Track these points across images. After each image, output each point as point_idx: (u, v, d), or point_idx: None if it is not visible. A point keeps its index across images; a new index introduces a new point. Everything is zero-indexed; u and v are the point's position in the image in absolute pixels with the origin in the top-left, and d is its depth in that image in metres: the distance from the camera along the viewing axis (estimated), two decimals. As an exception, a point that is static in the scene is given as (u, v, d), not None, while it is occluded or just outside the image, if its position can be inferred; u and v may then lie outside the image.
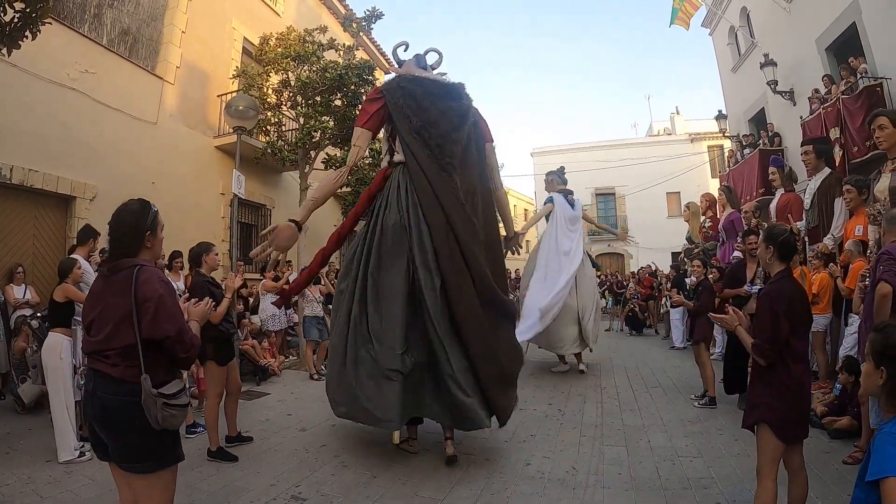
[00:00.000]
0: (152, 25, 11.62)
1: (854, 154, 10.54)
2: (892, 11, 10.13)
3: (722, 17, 19.27)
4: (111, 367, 2.71)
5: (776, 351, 3.23)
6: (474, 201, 5.13)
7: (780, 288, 3.37)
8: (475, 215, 5.05)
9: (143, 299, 2.69)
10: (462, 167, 5.03)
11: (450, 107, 5.07)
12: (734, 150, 18.35)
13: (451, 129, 4.98)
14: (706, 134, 30.98)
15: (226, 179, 12.09)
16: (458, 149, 4.97)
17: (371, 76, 12.27)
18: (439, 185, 4.92)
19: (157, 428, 2.69)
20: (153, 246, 2.98)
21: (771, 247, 3.51)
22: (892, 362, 2.11)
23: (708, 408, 6.72)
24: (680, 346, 12.21)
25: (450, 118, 5.01)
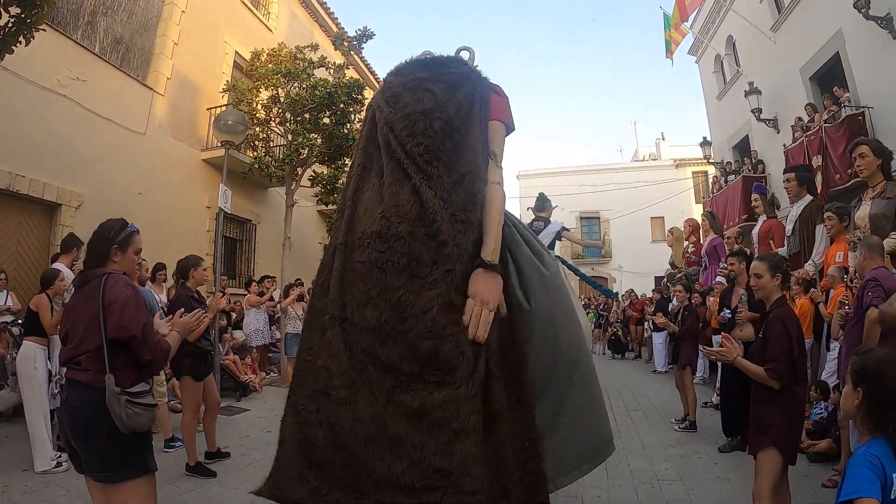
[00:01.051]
0: (145, 35, 11.64)
1: (836, 182, 10.71)
2: (875, 42, 10.33)
3: (708, 46, 19.55)
4: (82, 373, 2.73)
5: (792, 372, 3.33)
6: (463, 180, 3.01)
7: (788, 312, 3.54)
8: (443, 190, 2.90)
9: (110, 301, 2.75)
10: (441, 150, 2.92)
11: (434, 80, 3.18)
12: (718, 176, 18.55)
13: (430, 106, 3.04)
14: (691, 160, 31.29)
15: (212, 193, 12.05)
16: (438, 125, 2.87)
17: (360, 95, 12.35)
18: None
19: (124, 430, 2.66)
20: (119, 262, 3.03)
21: (779, 275, 3.62)
22: (867, 384, 2.16)
23: (688, 432, 6.74)
24: (662, 369, 12.25)
25: (432, 92, 3.11)
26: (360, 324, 2.53)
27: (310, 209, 17.20)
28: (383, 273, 2.61)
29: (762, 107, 15.03)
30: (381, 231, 2.70)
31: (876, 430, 2.12)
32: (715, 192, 17.86)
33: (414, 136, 2.95)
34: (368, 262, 2.66)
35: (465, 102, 3.06)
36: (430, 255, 2.59)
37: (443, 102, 3.05)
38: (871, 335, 3.86)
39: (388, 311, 2.51)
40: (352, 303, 2.60)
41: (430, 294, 2.51)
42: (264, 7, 16.28)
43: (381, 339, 2.48)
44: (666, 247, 14.82)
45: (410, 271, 2.58)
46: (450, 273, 2.53)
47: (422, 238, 2.63)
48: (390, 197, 2.80)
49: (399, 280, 2.57)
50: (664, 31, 17.90)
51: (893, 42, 9.91)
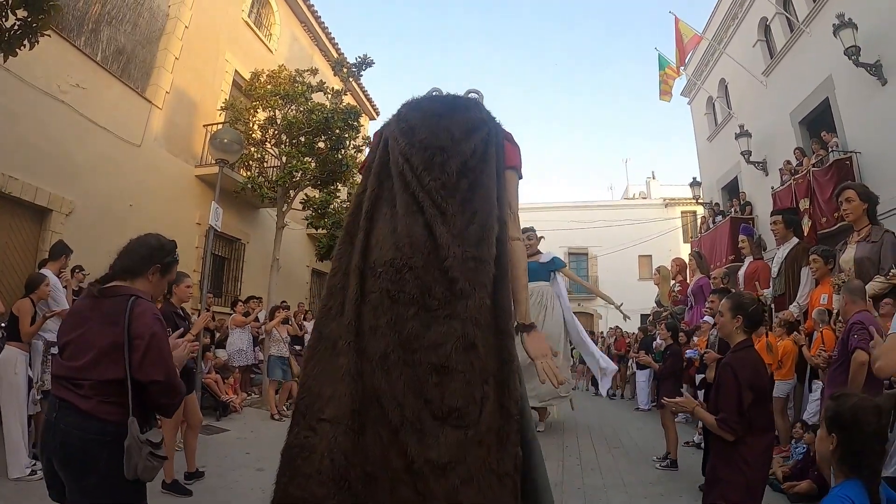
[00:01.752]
0: (147, 48, 11.70)
1: (822, 225, 10.87)
2: (864, 89, 10.55)
3: (701, 88, 19.83)
4: (81, 399, 2.41)
5: (743, 423, 3.17)
6: (475, 217, 3.08)
7: (743, 358, 3.34)
8: (456, 229, 2.83)
9: (136, 335, 2.44)
10: (460, 183, 3.09)
11: (453, 120, 3.26)
12: (706, 216, 18.73)
13: (447, 145, 3.14)
14: (680, 200, 31.57)
15: (203, 209, 12.04)
16: (454, 165, 3.08)
17: (357, 122, 12.44)
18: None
19: (131, 477, 2.41)
20: (153, 283, 2.77)
21: (739, 316, 3.45)
22: (841, 430, 2.17)
23: (669, 470, 6.71)
24: (645, 407, 12.25)
25: (450, 131, 3.19)
26: (369, 352, 2.51)
27: (299, 232, 17.21)
28: (394, 303, 2.61)
29: (752, 149, 15.27)
30: (393, 261, 2.70)
31: (851, 473, 2.13)
32: (703, 233, 18.02)
33: (430, 171, 2.98)
34: (380, 291, 2.65)
35: (480, 146, 3.11)
36: (441, 289, 2.62)
37: (460, 142, 3.10)
38: (857, 378, 3.87)
39: (395, 341, 2.51)
40: (365, 330, 2.57)
41: (443, 329, 2.53)
42: (266, 28, 16.43)
43: (385, 369, 2.46)
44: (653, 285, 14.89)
45: (422, 303, 2.60)
46: (466, 309, 2.55)
47: (434, 272, 2.66)
48: (404, 228, 2.81)
49: (409, 311, 2.58)
50: (659, 71, 18.14)
51: (882, 89, 10.12)
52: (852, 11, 10.38)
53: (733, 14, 16.75)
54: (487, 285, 2.73)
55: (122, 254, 2.74)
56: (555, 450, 7.81)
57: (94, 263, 9.11)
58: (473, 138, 3.18)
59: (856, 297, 4.35)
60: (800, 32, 13.01)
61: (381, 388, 2.44)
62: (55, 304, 6.02)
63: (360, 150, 13.88)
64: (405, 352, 2.53)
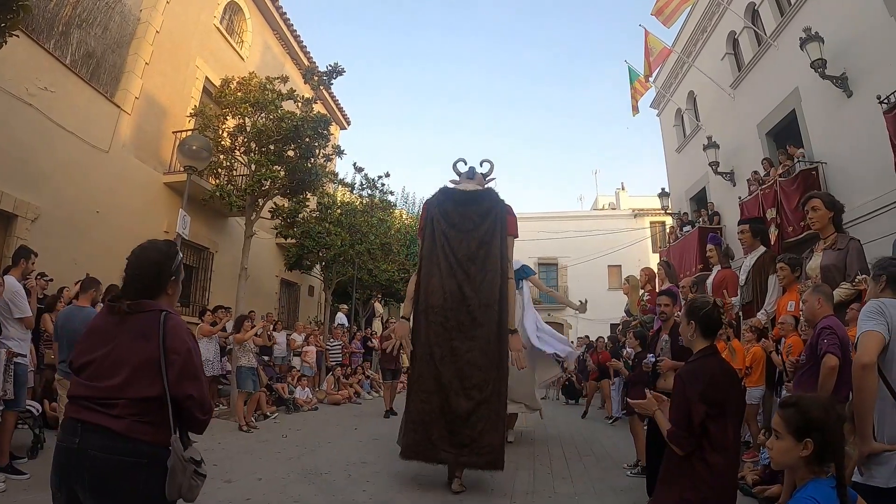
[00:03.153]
0: (117, 52, 11.57)
1: (789, 234, 11.07)
2: (831, 101, 10.80)
3: (670, 100, 20.08)
4: (113, 420, 2.24)
5: (693, 438, 2.96)
6: (486, 274, 6.40)
7: (697, 368, 3.13)
8: (476, 287, 6.33)
9: (171, 349, 2.35)
10: (478, 253, 6.45)
11: (472, 211, 6.58)
12: (675, 226, 18.91)
13: (471, 228, 6.51)
14: (649, 210, 31.91)
15: (171, 217, 11.87)
16: (475, 242, 6.46)
17: (326, 131, 12.34)
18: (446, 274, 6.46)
19: (173, 499, 2.33)
20: (174, 294, 2.65)
21: (692, 322, 3.26)
22: (818, 432, 2.09)
23: (640, 477, 6.71)
24: (617, 415, 12.29)
25: (472, 218, 6.55)
26: (436, 356, 5.93)
27: (268, 241, 17.09)
28: (444, 329, 6.14)
29: (720, 160, 15.50)
30: (442, 305, 6.21)
31: (821, 472, 2.10)
32: (672, 242, 18.18)
33: (460, 247, 6.38)
34: (436, 323, 6.16)
35: (491, 227, 6.48)
36: (469, 322, 6.14)
37: (478, 225, 6.48)
38: (827, 383, 3.88)
39: (447, 349, 6.04)
40: (432, 344, 6.00)
41: (471, 344, 6.05)
42: (238, 35, 16.36)
43: (444, 365, 5.97)
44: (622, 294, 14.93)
45: (459, 329, 6.11)
46: (485, 333, 6.12)
47: (464, 312, 6.16)
48: (447, 285, 6.27)
49: (452, 334, 6.11)
50: (629, 84, 18.33)
51: (848, 101, 10.35)
52: (819, 25, 10.62)
53: (702, 27, 17.02)
54: (493, 318, 6.19)
55: (131, 279, 2.54)
56: (526, 459, 7.81)
57: (60, 270, 8.98)
58: (486, 222, 6.50)
59: (828, 301, 4.39)
60: (767, 46, 13.25)
61: (443, 374, 5.98)
62: (17, 311, 5.87)
63: (330, 159, 13.80)
64: (452, 356, 6.05)
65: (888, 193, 8.96)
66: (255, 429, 9.36)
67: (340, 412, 12.21)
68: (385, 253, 20.30)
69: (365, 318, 21.52)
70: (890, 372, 2.70)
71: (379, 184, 19.10)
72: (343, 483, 6.21)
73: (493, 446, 5.90)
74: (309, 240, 15.23)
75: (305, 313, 20.81)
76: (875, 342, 2.70)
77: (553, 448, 8.68)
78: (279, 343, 13.20)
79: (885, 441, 2.67)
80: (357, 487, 6.02)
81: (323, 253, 15.93)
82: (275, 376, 12.41)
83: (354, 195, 19.33)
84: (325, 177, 13.57)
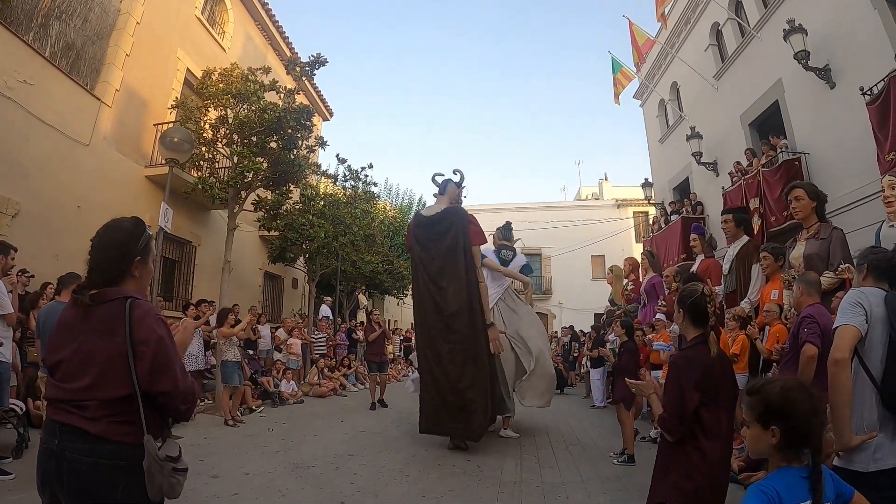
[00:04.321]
0: (97, 44, 11.39)
1: (772, 223, 11.16)
2: (814, 92, 10.90)
3: (653, 91, 20.14)
4: (88, 422, 2.13)
5: (684, 425, 2.97)
6: (451, 286, 7.85)
7: (691, 356, 3.13)
8: (445, 298, 7.84)
9: (139, 341, 2.17)
10: (444, 268, 7.94)
11: (435, 232, 8.11)
12: (658, 216, 18.99)
13: (436, 247, 8.03)
14: (632, 200, 32.06)
15: (153, 211, 11.69)
16: (440, 259, 7.98)
17: (309, 122, 12.27)
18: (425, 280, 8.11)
19: (156, 500, 2.23)
20: (141, 276, 2.43)
21: (681, 310, 3.28)
22: (781, 419, 1.99)
23: (627, 465, 6.76)
24: (600, 405, 12.35)
25: (435, 239, 8.08)
26: (430, 355, 7.86)
27: (252, 234, 16.99)
28: (430, 336, 7.96)
29: (703, 151, 15.59)
30: (425, 317, 8.05)
31: (793, 460, 2.00)
32: (655, 232, 18.27)
33: (431, 266, 8.06)
34: (425, 331, 8.09)
35: (452, 243, 7.93)
36: (445, 329, 7.82)
37: (441, 244, 8.01)
38: (807, 372, 3.92)
39: (435, 352, 7.81)
40: (427, 347, 7.93)
41: (449, 346, 7.74)
42: (220, 26, 16.19)
43: (437, 363, 7.78)
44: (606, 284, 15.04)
45: (440, 336, 7.84)
46: (458, 337, 7.73)
47: (441, 321, 7.84)
48: (426, 300, 8.04)
49: (436, 339, 7.87)
50: (612, 74, 18.36)
51: (831, 92, 10.45)
52: (802, 17, 10.69)
53: (686, 19, 17.07)
54: (464, 322, 7.70)
55: (93, 264, 2.36)
56: (513, 448, 7.83)
57: (41, 266, 8.88)
58: (447, 239, 7.94)
59: (811, 289, 4.43)
60: (751, 37, 13.32)
61: (435, 371, 7.75)
62: (-4, 305, 5.78)
63: (313, 151, 13.71)
64: (438, 357, 7.77)
65: (870, 184, 9.03)
66: (241, 423, 9.31)
67: (326, 405, 12.18)
68: (369, 245, 20.26)
69: (349, 310, 21.47)
70: (869, 358, 2.71)
71: (362, 175, 19.02)
72: (330, 476, 6.20)
73: (478, 423, 7.49)
74: (292, 232, 15.14)
75: (289, 306, 20.72)
76: (849, 337, 2.69)
77: (540, 437, 8.70)
78: (263, 336, 13.14)
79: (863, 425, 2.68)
80: (344, 480, 6.00)
81: (306, 245, 15.84)
82: (260, 370, 12.35)
83: (338, 187, 19.24)
84: (307, 168, 13.48)
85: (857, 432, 2.67)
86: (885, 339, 2.69)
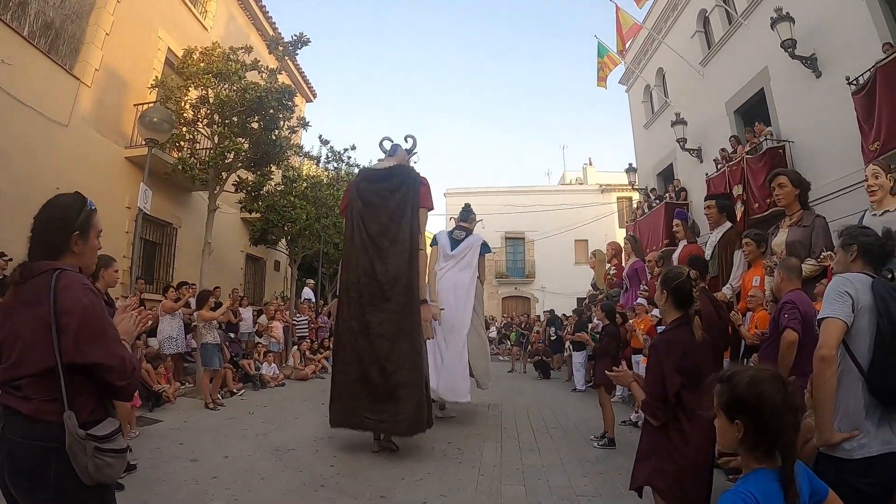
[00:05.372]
0: (76, 23, 11.12)
1: (755, 210, 11.20)
2: (799, 80, 10.93)
3: (639, 76, 20.12)
4: (22, 402, 2.07)
5: (668, 409, 2.99)
6: (393, 248, 6.75)
7: (671, 339, 3.16)
8: (385, 260, 6.71)
9: (62, 312, 2.06)
10: (388, 228, 6.79)
11: (382, 188, 6.93)
12: (642, 202, 19.03)
13: (382, 204, 6.86)
14: (616, 185, 32.21)
15: (133, 193, 11.52)
16: (385, 216, 6.81)
17: (291, 102, 12.13)
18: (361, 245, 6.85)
19: (89, 482, 2.09)
20: (82, 252, 2.35)
21: (665, 291, 3.27)
22: (745, 414, 1.85)
23: (607, 448, 6.81)
24: (581, 388, 12.41)
25: (382, 195, 6.89)
26: (353, 328, 6.52)
27: (233, 216, 16.85)
28: (360, 304, 6.58)
29: (687, 137, 15.60)
30: (357, 281, 6.65)
31: (764, 461, 1.84)
32: (638, 217, 18.29)
33: (372, 223, 6.76)
34: (353, 298, 6.62)
35: (401, 200, 6.77)
36: (380, 295, 6.54)
37: (389, 200, 6.79)
38: (787, 357, 3.93)
39: (362, 323, 6.49)
40: (351, 316, 6.60)
41: (382, 317, 6.47)
42: (202, 5, 15.92)
43: (361, 338, 6.46)
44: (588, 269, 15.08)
45: (371, 303, 6.52)
46: (394, 306, 6.48)
47: (375, 287, 6.54)
48: (362, 261, 6.67)
49: (366, 308, 6.54)
50: (598, 59, 18.30)
51: (816, 81, 10.47)
52: (790, 5, 10.68)
53: (673, 5, 17.04)
54: (402, 290, 6.50)
55: (32, 241, 2.34)
56: (493, 432, 7.85)
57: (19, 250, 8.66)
58: (397, 196, 6.79)
59: (791, 275, 4.44)
60: (738, 25, 13.30)
61: (360, 346, 6.44)
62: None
63: (295, 131, 13.58)
64: (366, 329, 6.45)
65: (854, 173, 9.05)
66: (222, 406, 9.26)
67: (307, 388, 12.15)
68: (351, 227, 20.06)
69: (332, 292, 21.40)
70: (855, 346, 2.68)
71: (345, 157, 18.91)
72: (310, 459, 6.19)
73: (409, 412, 6.24)
74: (274, 214, 15.01)
75: (271, 288, 20.61)
76: (836, 331, 2.64)
77: (521, 421, 8.73)
78: (245, 319, 13.05)
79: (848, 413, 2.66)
80: (324, 463, 6.01)
81: (288, 227, 15.72)
82: (241, 353, 12.27)
83: (320, 168, 19.10)
84: (289, 149, 13.34)
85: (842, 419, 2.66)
86: (873, 327, 2.65)
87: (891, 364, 2.58)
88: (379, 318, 6.51)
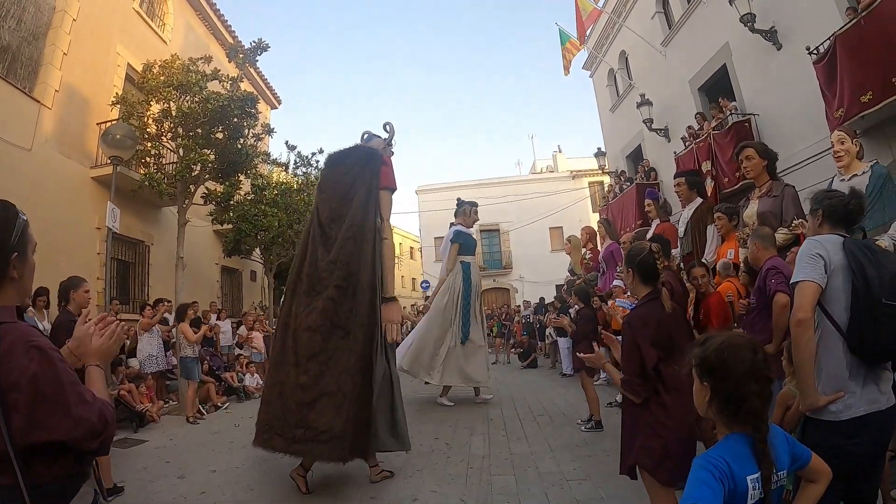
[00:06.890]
0: (33, 44, 10.99)
1: (725, 185, 11.33)
2: (760, 54, 11.05)
3: (602, 61, 20.21)
4: None
5: (647, 384, 2.98)
6: (340, 234, 5.41)
7: (643, 314, 3.14)
8: (327, 247, 5.43)
9: (7, 387, 1.60)
10: (339, 212, 5.51)
11: (338, 171, 5.76)
12: (613, 185, 19.15)
13: (336, 187, 5.66)
14: (587, 171, 32.38)
15: (102, 213, 11.33)
16: (336, 200, 5.57)
17: (254, 109, 12.04)
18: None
19: None
20: (21, 276, 1.86)
21: (630, 269, 3.28)
22: (711, 377, 1.88)
23: (594, 431, 6.82)
24: (570, 373, 12.44)
25: (336, 177, 5.76)
26: (289, 326, 5.24)
27: (205, 229, 16.72)
28: (294, 291, 5.42)
29: (653, 117, 15.71)
30: (299, 271, 5.47)
31: (733, 425, 1.84)
32: (611, 200, 18.41)
33: (325, 209, 5.58)
34: (292, 288, 5.47)
35: (355, 181, 5.52)
36: (316, 281, 5.25)
37: (343, 182, 5.59)
38: (781, 320, 3.88)
39: (289, 311, 5.32)
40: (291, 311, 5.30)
41: (312, 306, 5.13)
42: (160, 18, 15.80)
43: (286, 327, 5.24)
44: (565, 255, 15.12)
45: (305, 292, 5.29)
46: (324, 293, 5.15)
47: (314, 275, 5.30)
48: (310, 251, 5.45)
49: (298, 296, 5.32)
50: (560, 46, 18.37)
51: (777, 53, 10.60)
52: (748, -19, 10.74)
53: (632, -13, 17.10)
54: (340, 276, 5.13)
55: None
56: (480, 422, 7.84)
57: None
58: (350, 177, 5.59)
59: (766, 243, 4.48)
60: (697, 3, 13.41)
61: (287, 342, 5.20)
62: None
63: (261, 139, 13.48)
64: (295, 321, 5.18)
65: (820, 141, 9.17)
66: (203, 418, 9.21)
67: (293, 395, 12.03)
68: (324, 231, 19.98)
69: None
70: (832, 307, 2.68)
71: (314, 161, 18.78)
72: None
73: (333, 433, 4.74)
74: (245, 223, 14.91)
75: (249, 299, 20.47)
76: (810, 294, 2.64)
77: (507, 410, 8.72)
78: (224, 332, 12.95)
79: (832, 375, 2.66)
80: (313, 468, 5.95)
81: (261, 236, 15.63)
82: (222, 365, 12.17)
83: (289, 174, 19.00)
84: (256, 157, 13.24)
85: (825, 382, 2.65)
86: (848, 286, 2.65)
87: (868, 321, 2.57)
88: (308, 308, 5.15)
